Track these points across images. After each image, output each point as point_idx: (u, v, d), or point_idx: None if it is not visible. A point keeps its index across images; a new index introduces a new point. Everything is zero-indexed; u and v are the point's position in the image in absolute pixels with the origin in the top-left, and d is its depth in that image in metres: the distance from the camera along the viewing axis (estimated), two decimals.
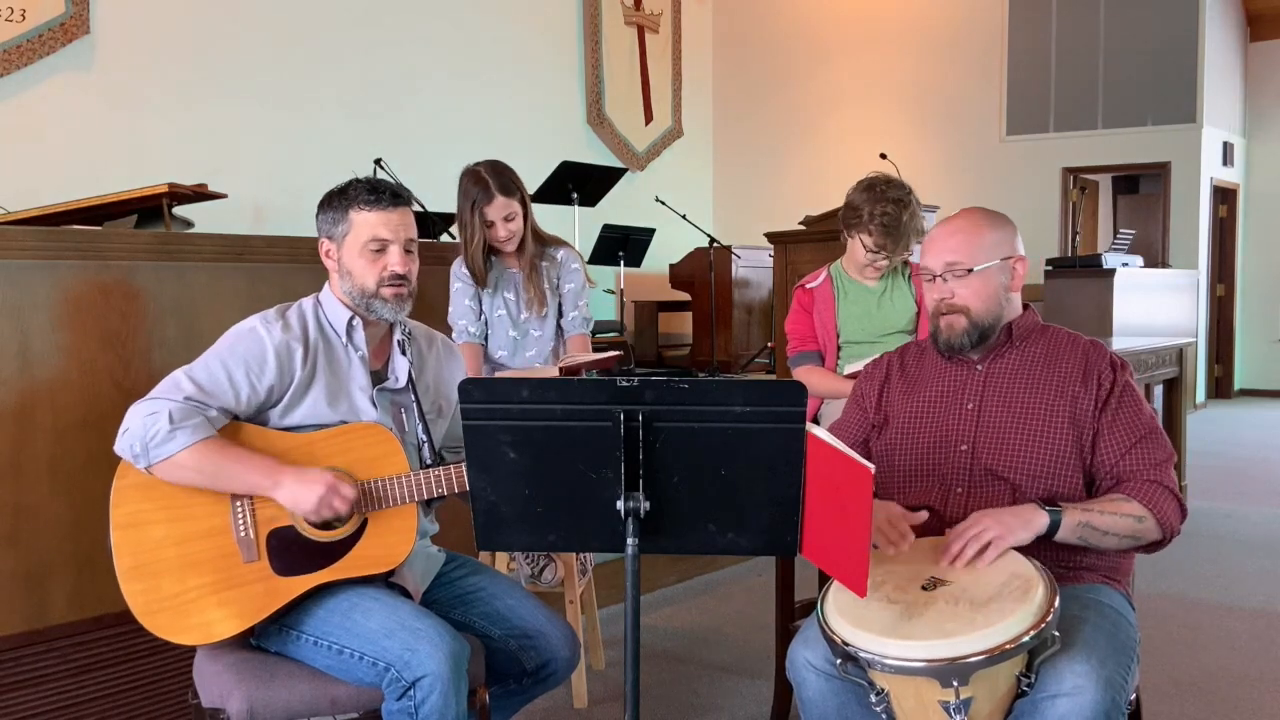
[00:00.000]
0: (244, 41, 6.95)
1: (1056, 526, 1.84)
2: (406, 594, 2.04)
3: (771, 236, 5.62)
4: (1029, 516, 1.84)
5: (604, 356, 2.92)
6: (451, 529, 2.44)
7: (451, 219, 3.66)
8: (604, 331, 7.05)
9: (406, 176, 3.79)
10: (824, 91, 10.45)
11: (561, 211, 6.66)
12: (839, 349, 3.18)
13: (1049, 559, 1.86)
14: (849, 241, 3.15)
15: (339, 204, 2.07)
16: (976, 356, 2.08)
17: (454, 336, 3.01)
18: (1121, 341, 5.36)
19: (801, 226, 5.79)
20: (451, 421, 2.24)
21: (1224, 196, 10.16)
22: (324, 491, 1.89)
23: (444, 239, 4.78)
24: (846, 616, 1.69)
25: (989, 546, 1.79)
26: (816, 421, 3.12)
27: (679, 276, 8.23)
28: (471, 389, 1.53)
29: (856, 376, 2.35)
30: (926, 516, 1.90)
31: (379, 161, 5.55)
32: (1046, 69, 9.55)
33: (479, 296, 3.06)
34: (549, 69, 9.14)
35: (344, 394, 2.05)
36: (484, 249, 3.02)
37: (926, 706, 1.64)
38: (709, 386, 1.51)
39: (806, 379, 3.07)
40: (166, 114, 6.53)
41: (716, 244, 7.48)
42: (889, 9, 10.09)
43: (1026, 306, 2.11)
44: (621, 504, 1.52)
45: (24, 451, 2.45)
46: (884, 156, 6.24)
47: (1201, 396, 9.86)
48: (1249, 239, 10.55)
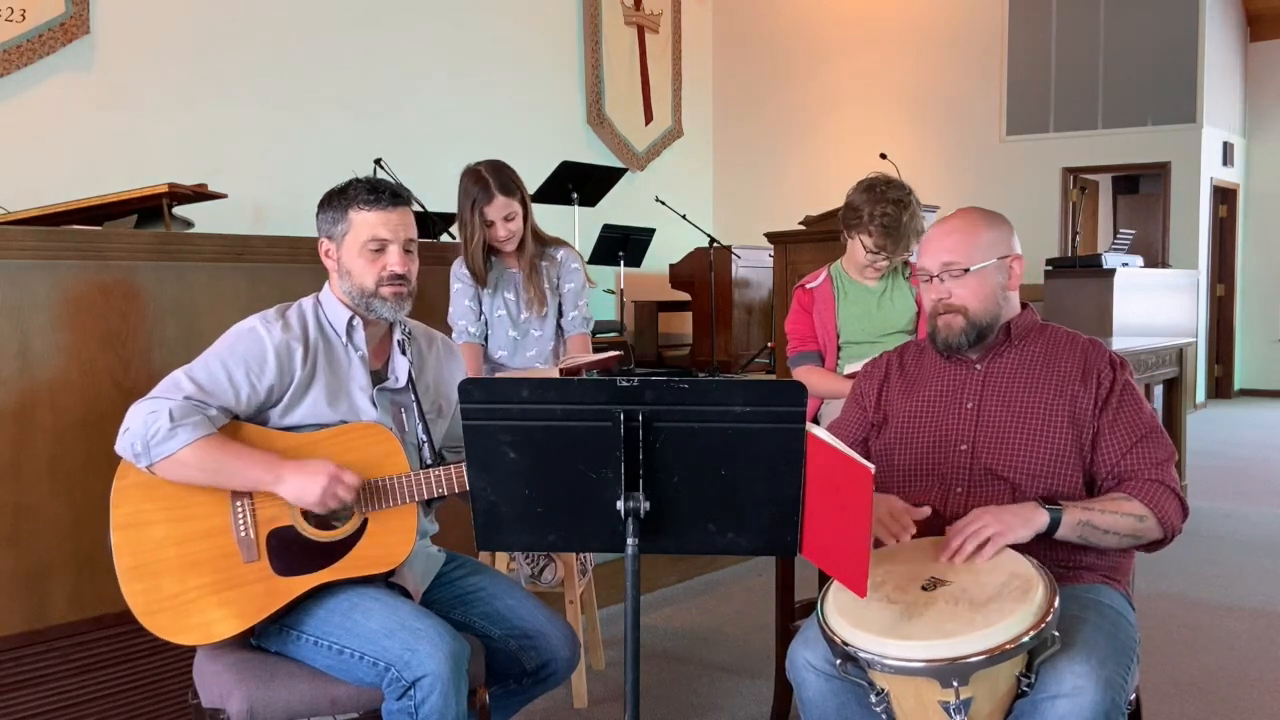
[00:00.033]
0: (244, 41, 6.96)
1: (1056, 525, 1.84)
2: (406, 594, 2.04)
3: (771, 236, 5.62)
4: (1029, 514, 1.84)
5: (604, 357, 2.92)
6: (451, 529, 2.43)
7: (451, 219, 3.66)
8: (604, 331, 7.04)
9: (406, 176, 3.78)
10: (824, 91, 10.45)
11: (561, 211, 6.66)
12: (839, 349, 3.18)
13: (1049, 558, 1.86)
14: (849, 242, 3.15)
15: (339, 204, 2.07)
16: (975, 356, 2.08)
17: (454, 336, 3.01)
18: (1121, 341, 5.36)
19: (801, 226, 5.78)
20: (452, 421, 2.24)
21: (1224, 196, 10.17)
22: (327, 482, 1.89)
23: (444, 239, 4.78)
24: (846, 616, 1.69)
25: (988, 543, 1.79)
26: (816, 421, 3.12)
27: (679, 276, 8.22)
28: (471, 389, 1.53)
29: (856, 376, 2.35)
30: (930, 511, 1.90)
31: (379, 161, 5.55)
32: (1046, 69, 9.54)
33: (479, 297, 3.06)
34: (549, 69, 9.14)
35: (344, 394, 2.06)
36: (484, 248, 3.03)
37: (926, 707, 1.64)
38: (709, 386, 1.51)
39: (806, 379, 3.07)
40: (166, 114, 6.53)
41: (716, 244, 7.47)
42: (889, 9, 10.09)
43: (1025, 305, 2.11)
44: (621, 504, 1.52)
45: (24, 451, 2.45)
46: (884, 156, 6.24)
47: (1201, 396, 9.87)
48: (1249, 239, 10.55)
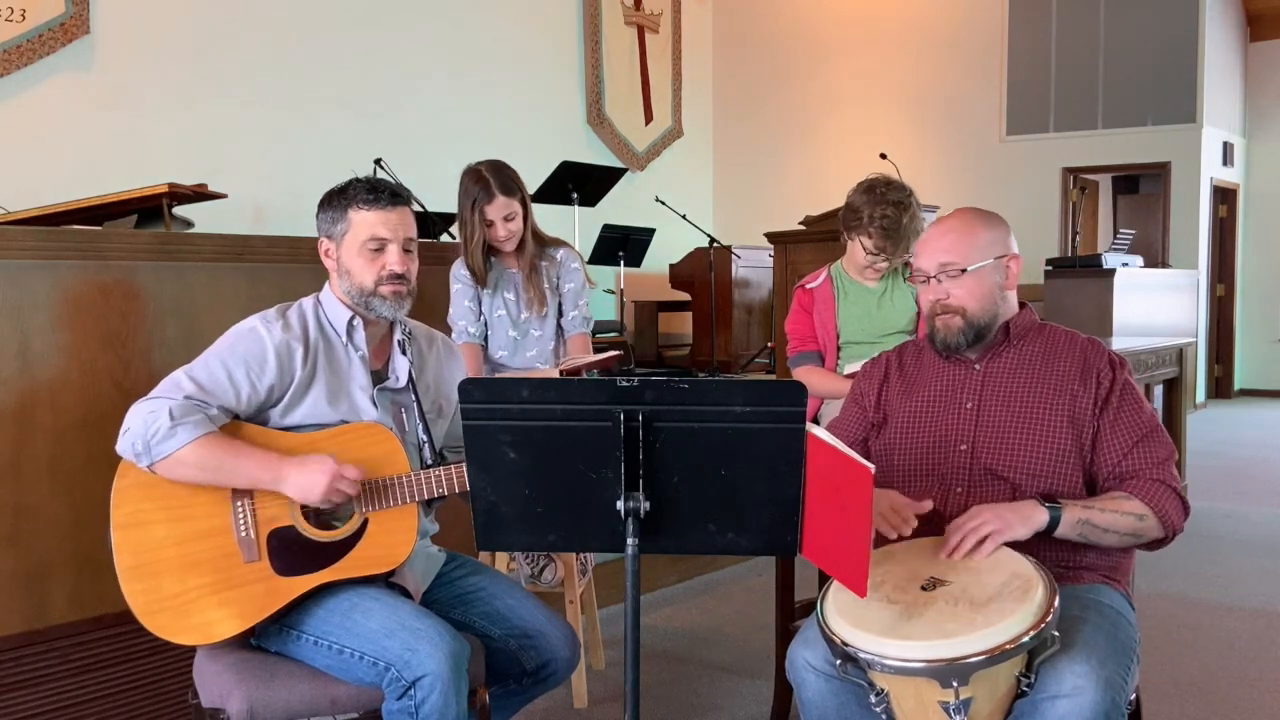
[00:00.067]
0: (244, 41, 6.96)
1: (1056, 523, 1.84)
2: (407, 594, 2.04)
3: (771, 236, 5.62)
4: (1028, 512, 1.84)
5: (604, 356, 2.92)
6: (451, 529, 2.43)
7: (451, 219, 3.66)
8: (604, 331, 7.04)
9: (406, 176, 3.79)
10: (824, 91, 10.45)
11: (561, 211, 6.66)
12: (839, 349, 3.18)
13: (1049, 558, 1.86)
14: (849, 243, 3.16)
15: (338, 203, 2.08)
16: (974, 355, 2.08)
17: (453, 337, 3.01)
18: (1121, 341, 5.36)
19: (801, 226, 5.78)
20: (452, 421, 2.24)
21: (1224, 196, 10.17)
22: (329, 479, 1.89)
23: (444, 239, 4.78)
24: (846, 617, 1.69)
25: (987, 540, 1.79)
26: (816, 421, 3.12)
27: (679, 276, 8.22)
28: (471, 389, 1.53)
29: (855, 376, 2.35)
30: (931, 505, 1.90)
31: (379, 161, 5.55)
32: (1046, 69, 9.54)
33: (479, 297, 3.06)
34: (549, 69, 9.14)
35: (344, 393, 2.06)
36: (484, 248, 3.03)
37: (926, 707, 1.64)
38: (709, 386, 1.51)
39: (806, 379, 3.07)
40: (166, 114, 6.53)
41: (716, 244, 7.47)
42: (889, 9, 10.09)
43: (1023, 305, 2.11)
44: (621, 504, 1.51)
45: (24, 451, 2.45)
46: (884, 156, 6.24)
47: (1201, 396, 9.87)
48: (1249, 239, 10.55)
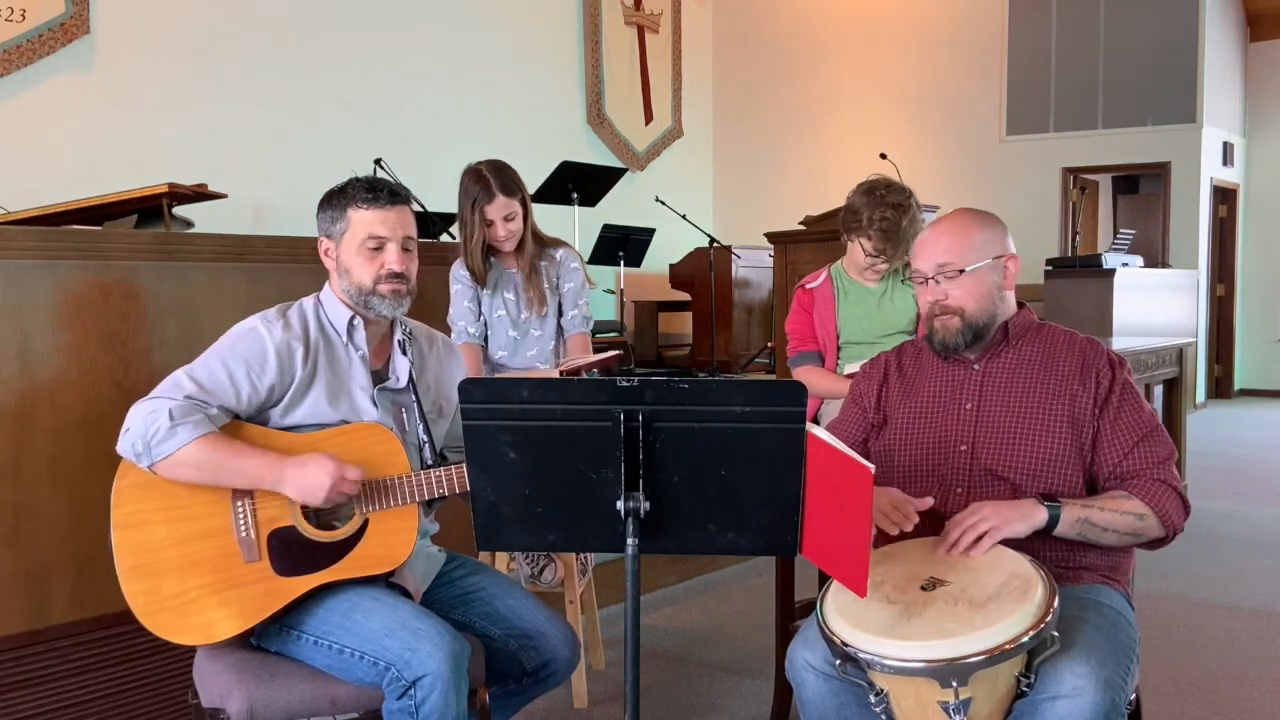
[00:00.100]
0: (244, 41, 6.96)
1: (1055, 521, 1.84)
2: (407, 594, 2.04)
3: (771, 236, 5.62)
4: (1027, 510, 1.84)
5: (604, 356, 2.92)
6: (451, 529, 2.43)
7: (451, 219, 3.66)
8: (604, 331, 7.04)
9: (406, 176, 3.78)
10: (824, 91, 10.45)
11: (561, 211, 6.66)
12: (839, 349, 3.18)
13: (1049, 558, 1.87)
14: (849, 244, 3.16)
15: (338, 203, 2.08)
16: (973, 356, 2.08)
17: (453, 337, 3.01)
18: (1121, 341, 5.36)
19: (801, 226, 5.78)
20: (452, 422, 2.24)
21: (1224, 196, 10.17)
22: (330, 480, 1.89)
23: (444, 239, 4.78)
24: (846, 617, 1.69)
25: (985, 536, 1.79)
26: (816, 421, 3.12)
27: (679, 276, 8.22)
28: (471, 389, 1.53)
29: (855, 377, 2.35)
30: (933, 502, 1.90)
31: (379, 161, 5.56)
32: (1046, 69, 9.54)
33: (478, 297, 3.06)
34: (549, 69, 9.14)
35: (345, 393, 2.06)
36: (483, 248, 3.03)
37: (926, 707, 1.64)
38: (709, 386, 1.51)
39: (806, 379, 3.07)
40: (166, 114, 6.53)
41: (716, 244, 7.47)
42: (889, 9, 10.09)
43: (1022, 305, 2.11)
44: (621, 504, 1.51)
45: (24, 451, 2.45)
46: (884, 157, 6.24)
47: (1201, 396, 9.87)
48: (1249, 239, 10.55)
